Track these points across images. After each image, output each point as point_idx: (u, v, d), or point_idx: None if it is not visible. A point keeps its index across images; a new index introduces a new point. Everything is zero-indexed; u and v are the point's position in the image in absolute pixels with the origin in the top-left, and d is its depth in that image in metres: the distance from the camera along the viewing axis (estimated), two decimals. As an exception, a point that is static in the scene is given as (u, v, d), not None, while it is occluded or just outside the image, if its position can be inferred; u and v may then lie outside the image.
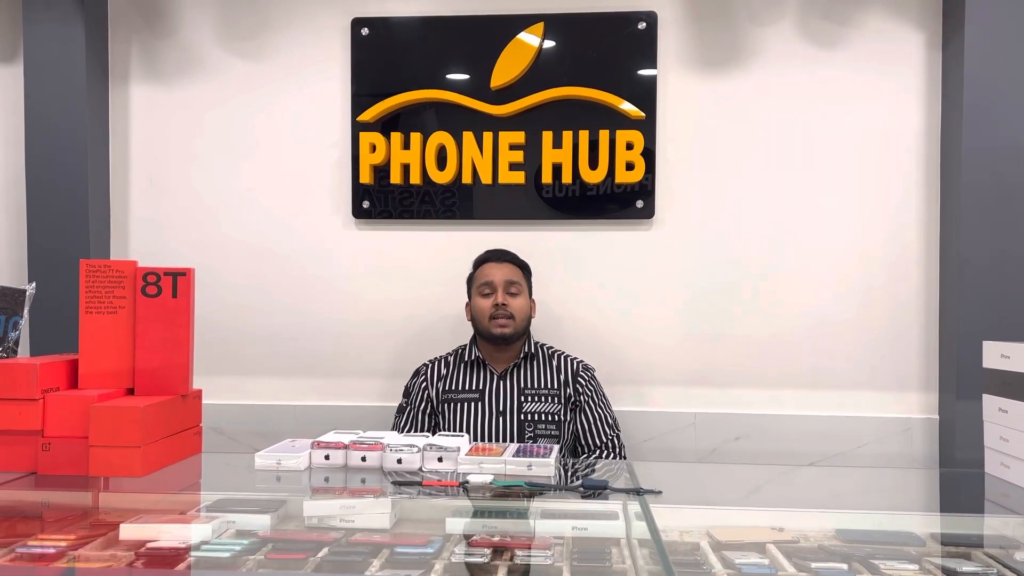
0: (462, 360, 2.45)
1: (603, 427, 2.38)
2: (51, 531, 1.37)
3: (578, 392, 2.39)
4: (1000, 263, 2.44)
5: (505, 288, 2.37)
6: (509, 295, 2.37)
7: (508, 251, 2.48)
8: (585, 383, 2.40)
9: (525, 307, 2.40)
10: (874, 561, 1.26)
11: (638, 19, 2.65)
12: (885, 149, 2.62)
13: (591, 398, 2.40)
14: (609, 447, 2.37)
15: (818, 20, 2.63)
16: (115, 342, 1.68)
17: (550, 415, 2.34)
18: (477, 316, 2.40)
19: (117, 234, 2.82)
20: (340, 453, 1.65)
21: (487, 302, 2.37)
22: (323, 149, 2.76)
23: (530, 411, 2.34)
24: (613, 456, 2.36)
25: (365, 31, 2.72)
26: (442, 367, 2.46)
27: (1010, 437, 1.60)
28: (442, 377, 2.43)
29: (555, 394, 2.37)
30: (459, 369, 2.44)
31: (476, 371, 2.42)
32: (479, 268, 2.45)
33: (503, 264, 2.43)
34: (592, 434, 2.37)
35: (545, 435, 2.32)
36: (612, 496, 1.51)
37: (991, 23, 2.44)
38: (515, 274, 2.42)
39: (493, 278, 2.38)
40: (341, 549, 1.30)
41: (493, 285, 2.37)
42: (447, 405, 2.38)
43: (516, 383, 2.38)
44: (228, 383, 2.76)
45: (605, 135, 2.64)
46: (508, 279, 2.38)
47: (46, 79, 2.66)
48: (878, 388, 2.63)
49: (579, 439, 2.38)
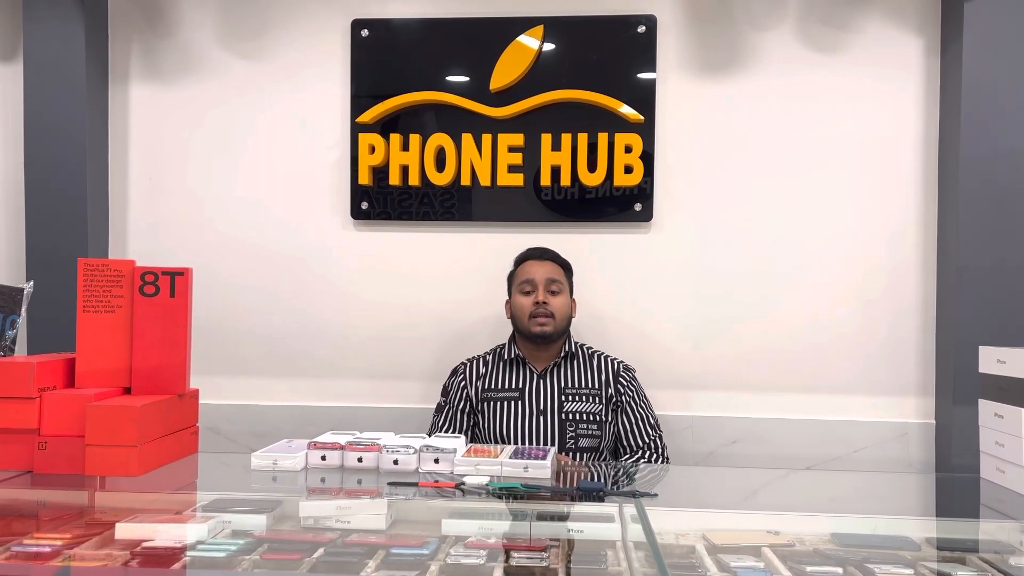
0: (501, 359, 2.43)
1: (645, 428, 2.35)
2: (47, 530, 1.37)
3: (619, 392, 2.36)
4: (998, 269, 2.45)
5: (546, 286, 2.34)
6: (550, 293, 2.34)
7: (550, 249, 2.45)
8: (627, 383, 2.38)
9: (566, 306, 2.38)
10: (869, 565, 1.26)
11: (638, 22, 2.65)
12: (883, 154, 2.63)
13: (632, 398, 2.37)
14: (651, 448, 2.34)
15: (817, 25, 2.64)
16: (112, 341, 1.69)
17: (591, 415, 2.31)
18: (517, 314, 2.37)
19: (116, 233, 2.82)
20: (336, 454, 1.65)
21: (527, 300, 2.34)
22: (322, 150, 2.77)
23: (571, 411, 2.31)
24: (657, 457, 2.33)
25: (365, 32, 2.72)
26: (480, 366, 2.43)
27: (1006, 442, 1.60)
28: (481, 376, 2.41)
29: (596, 394, 2.34)
30: (498, 368, 2.41)
31: (516, 370, 2.39)
32: (520, 266, 2.43)
33: (544, 262, 2.40)
34: (634, 435, 2.34)
35: (586, 435, 2.29)
36: (608, 499, 1.51)
37: (990, 29, 2.44)
38: (556, 272, 2.39)
39: (534, 276, 2.36)
40: (337, 550, 1.30)
41: (534, 283, 2.35)
42: (486, 404, 2.36)
43: (556, 382, 2.36)
44: (225, 383, 2.76)
45: (604, 138, 2.64)
46: (549, 277, 2.36)
47: (46, 78, 2.66)
48: (875, 393, 2.63)
49: (621, 440, 2.35)
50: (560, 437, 2.29)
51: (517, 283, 2.39)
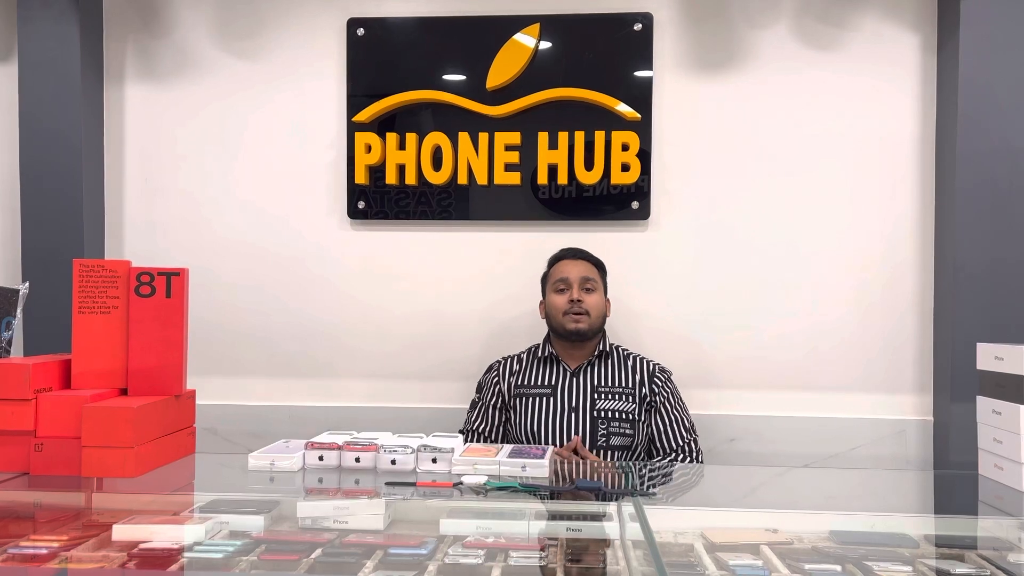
0: (535, 356, 2.43)
1: (680, 430, 2.34)
2: (43, 532, 1.36)
3: (654, 393, 2.35)
4: (994, 265, 2.45)
5: (580, 284, 2.35)
6: (584, 291, 2.35)
7: (583, 249, 2.45)
8: (662, 384, 2.37)
9: (600, 304, 2.38)
10: (868, 563, 1.26)
11: (634, 20, 2.65)
12: (880, 151, 2.63)
13: (667, 399, 2.36)
14: (686, 450, 2.33)
15: (814, 22, 2.64)
16: (108, 342, 1.68)
17: (624, 413, 2.30)
18: (552, 312, 2.37)
19: (111, 234, 2.81)
20: (334, 454, 1.65)
21: (562, 298, 2.34)
22: (319, 149, 2.76)
23: (603, 409, 2.30)
24: (689, 459, 2.32)
25: (361, 31, 2.71)
26: (515, 363, 2.44)
27: (1003, 439, 1.60)
28: (514, 372, 2.41)
29: (630, 393, 2.33)
30: (532, 365, 2.42)
31: (549, 367, 2.39)
32: (554, 265, 2.43)
33: (578, 261, 2.40)
34: (668, 436, 2.33)
35: (618, 433, 2.28)
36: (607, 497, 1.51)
37: (986, 26, 2.44)
38: (590, 271, 2.39)
39: (568, 275, 2.36)
40: (334, 550, 1.29)
41: (568, 282, 2.35)
42: (519, 400, 2.36)
43: (589, 380, 2.35)
44: (222, 383, 2.75)
45: (601, 136, 2.64)
46: (584, 275, 2.36)
47: (41, 78, 2.65)
48: (873, 390, 2.63)
49: (655, 441, 2.34)
50: (592, 435, 2.28)
51: (552, 282, 2.39)
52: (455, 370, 2.70)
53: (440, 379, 2.71)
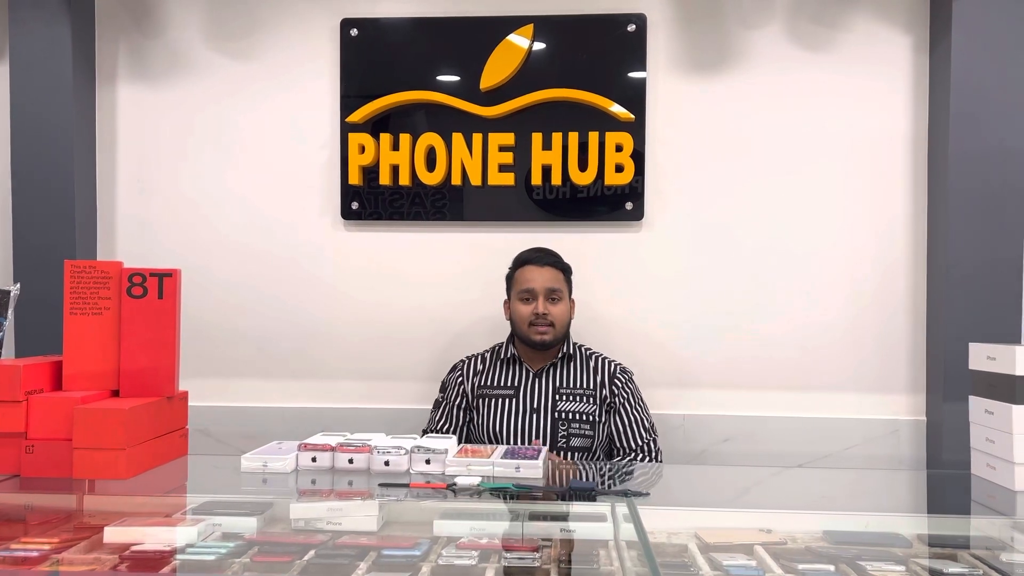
0: (499, 357, 2.44)
1: (639, 430, 2.35)
2: (35, 534, 1.36)
3: (614, 394, 2.36)
4: (987, 266, 2.46)
5: (546, 296, 2.32)
6: (550, 302, 2.33)
7: (550, 252, 2.41)
8: (622, 385, 2.38)
9: (565, 313, 2.36)
10: (861, 562, 1.26)
11: (628, 21, 2.65)
12: (873, 152, 2.63)
13: (627, 400, 2.37)
14: (645, 450, 2.34)
15: (807, 23, 2.64)
16: (100, 343, 1.67)
17: (584, 415, 2.31)
18: (516, 320, 2.36)
19: (104, 234, 2.80)
20: (327, 455, 1.65)
21: (527, 308, 2.33)
22: (312, 150, 2.75)
23: (564, 410, 2.31)
24: (648, 459, 2.33)
25: (354, 32, 2.71)
26: (478, 363, 2.45)
27: (996, 439, 1.60)
28: (478, 372, 2.42)
29: (590, 394, 2.35)
30: (495, 366, 2.42)
31: (512, 368, 2.40)
32: (520, 270, 2.39)
33: (544, 268, 2.36)
34: (628, 437, 2.34)
35: (579, 434, 2.29)
36: (600, 498, 1.51)
37: (978, 27, 2.45)
38: (556, 279, 2.35)
39: (534, 285, 2.33)
40: (328, 552, 1.29)
41: (534, 292, 2.32)
42: (481, 400, 2.37)
43: (551, 382, 2.36)
44: (215, 385, 2.74)
45: (595, 137, 2.64)
46: (549, 287, 2.33)
47: (32, 78, 2.64)
48: (866, 390, 2.64)
49: (615, 441, 2.35)
50: (552, 435, 2.29)
51: (516, 289, 2.37)
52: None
53: (434, 380, 2.69)
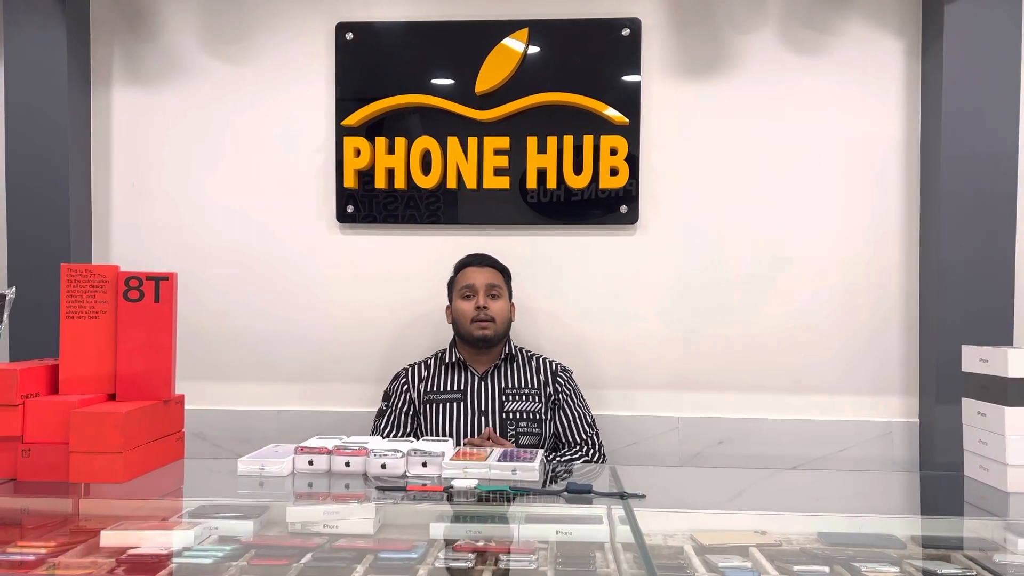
0: (443, 362, 2.48)
1: (583, 425, 2.43)
2: (31, 538, 1.35)
3: (557, 391, 2.44)
4: (979, 269, 2.47)
5: (486, 291, 2.42)
6: (490, 298, 2.42)
7: (488, 255, 2.52)
8: (564, 383, 2.46)
9: (505, 310, 2.45)
10: (855, 564, 1.27)
11: (622, 25, 2.66)
12: (866, 155, 2.65)
13: (569, 397, 2.45)
14: (590, 443, 2.42)
15: (799, 28, 2.66)
16: (96, 347, 1.67)
17: (531, 413, 2.37)
18: (458, 319, 2.44)
19: (99, 238, 2.80)
20: (324, 458, 1.65)
21: (469, 305, 2.41)
22: (307, 153, 2.76)
23: (512, 410, 2.37)
24: (593, 453, 2.41)
25: (350, 36, 2.71)
26: (422, 370, 2.48)
27: (988, 440, 1.62)
28: (423, 379, 2.45)
29: (535, 393, 2.41)
30: (440, 371, 2.46)
31: (457, 372, 2.45)
32: (460, 272, 2.49)
33: (484, 268, 2.47)
34: (572, 432, 2.42)
35: (527, 432, 2.35)
36: (596, 500, 1.51)
37: (970, 31, 2.47)
38: (496, 278, 2.46)
39: (474, 281, 2.43)
40: (324, 555, 1.29)
41: (474, 288, 2.42)
42: (429, 406, 2.40)
43: (497, 383, 2.42)
44: (211, 388, 2.74)
45: (589, 140, 2.65)
46: (489, 283, 2.43)
47: (27, 82, 2.64)
48: (860, 392, 2.65)
49: (559, 437, 2.42)
50: (501, 435, 2.34)
51: (457, 288, 2.46)
52: (444, 374, 2.70)
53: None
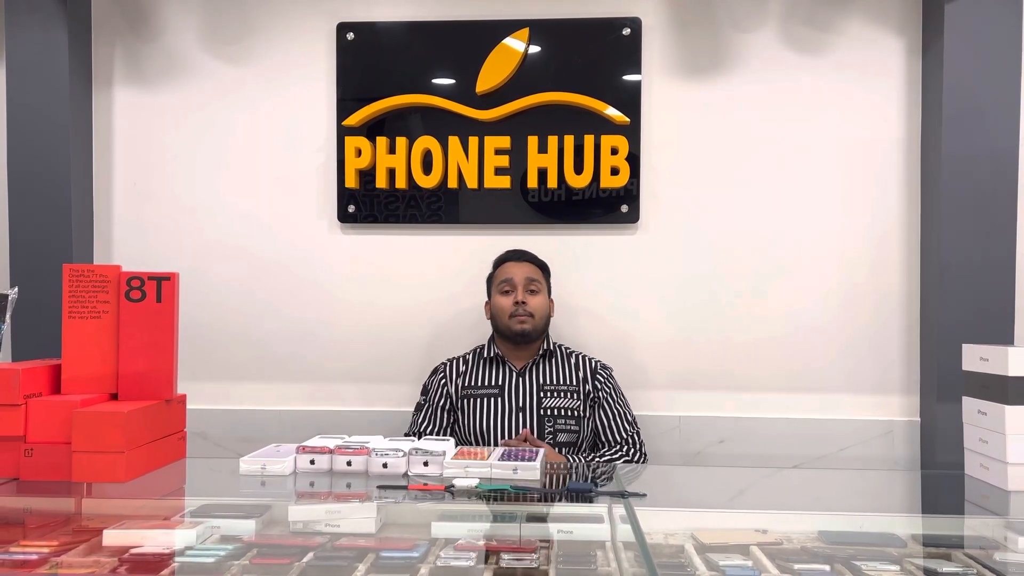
0: (481, 357, 2.47)
1: (623, 424, 2.40)
2: (33, 537, 1.35)
3: (596, 389, 2.41)
4: (980, 267, 2.47)
5: (525, 286, 2.40)
6: (529, 293, 2.40)
7: (528, 251, 2.51)
8: (604, 381, 2.43)
9: (544, 305, 2.43)
10: (856, 562, 1.27)
11: (623, 25, 2.66)
12: (866, 154, 2.65)
13: (610, 395, 2.42)
14: (630, 443, 2.39)
15: (800, 27, 2.66)
16: (98, 347, 1.68)
17: (570, 411, 2.35)
18: (497, 314, 2.42)
19: (100, 238, 2.80)
20: (325, 458, 1.65)
21: (507, 300, 2.40)
22: (308, 153, 2.76)
23: (550, 406, 2.35)
24: (634, 452, 2.38)
25: (351, 36, 2.72)
26: (461, 364, 2.47)
27: (989, 439, 1.62)
28: (461, 373, 2.44)
29: (574, 390, 2.39)
30: (478, 366, 2.45)
31: (495, 368, 2.43)
32: (499, 267, 2.48)
33: (523, 263, 2.46)
34: (612, 430, 2.38)
35: (565, 430, 2.33)
36: (597, 499, 1.51)
37: (970, 30, 2.47)
38: (535, 273, 2.44)
39: (513, 276, 2.41)
40: (326, 554, 1.29)
41: (513, 283, 2.40)
42: (466, 401, 2.39)
43: (535, 379, 2.40)
44: (213, 388, 2.75)
45: (590, 140, 2.65)
46: (528, 277, 2.41)
47: (29, 82, 2.64)
48: (860, 391, 2.65)
49: (599, 435, 2.40)
50: (539, 432, 2.32)
51: (496, 284, 2.44)
52: (446, 373, 2.70)
53: (431, 382, 2.71)
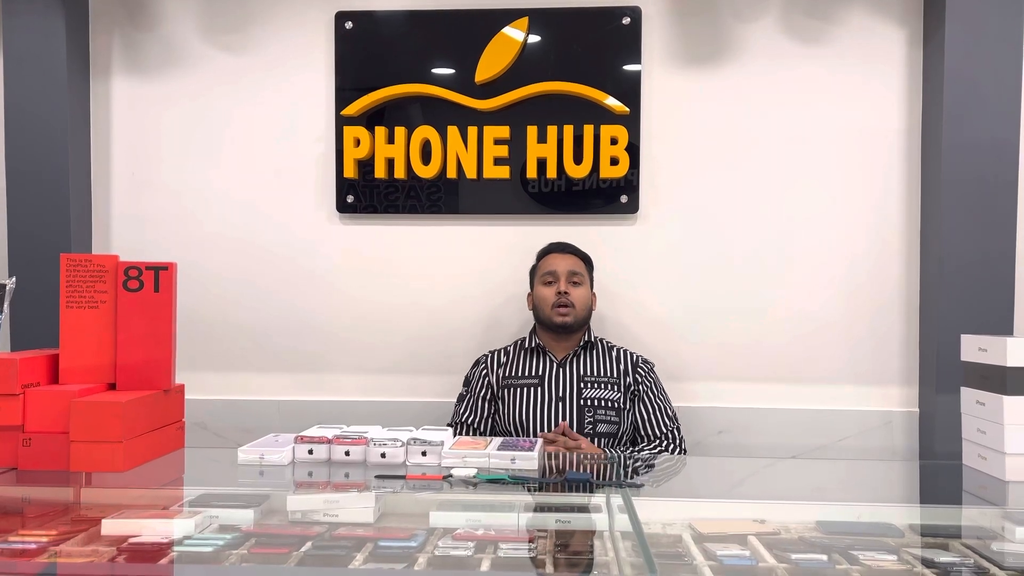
0: (522, 348, 2.47)
1: (663, 418, 2.40)
2: (32, 527, 1.36)
3: (637, 382, 2.41)
4: (979, 258, 2.47)
5: (568, 278, 2.40)
6: (571, 284, 2.40)
7: (571, 244, 2.50)
8: (645, 374, 2.43)
9: (587, 297, 2.43)
10: (854, 552, 1.27)
11: (622, 14, 2.65)
12: (867, 145, 2.64)
13: (650, 389, 2.42)
14: (670, 438, 2.39)
15: (801, 17, 2.65)
16: (96, 337, 1.67)
17: (610, 402, 2.35)
18: (539, 305, 2.42)
19: (99, 228, 2.80)
20: (323, 448, 1.65)
21: (550, 291, 2.40)
22: (307, 143, 2.75)
23: (590, 397, 2.35)
24: (674, 448, 2.38)
25: (349, 25, 2.71)
26: (502, 355, 2.48)
27: (987, 429, 1.62)
28: (502, 364, 2.45)
29: (615, 382, 2.39)
30: (519, 356, 2.46)
31: (536, 358, 2.43)
32: (543, 259, 2.48)
33: (566, 255, 2.45)
34: (652, 424, 2.39)
35: (605, 421, 2.33)
36: (596, 489, 1.51)
37: (971, 21, 2.46)
38: (578, 265, 2.44)
39: (556, 268, 2.41)
40: (324, 543, 1.29)
41: (556, 274, 2.40)
42: (507, 391, 2.39)
43: (576, 370, 2.40)
44: (211, 378, 2.75)
45: (590, 130, 2.64)
46: (571, 269, 2.41)
47: (26, 72, 2.63)
48: (859, 382, 2.65)
49: (639, 429, 2.40)
50: (579, 423, 2.32)
51: (539, 275, 2.44)
52: (445, 364, 2.71)
53: (430, 373, 2.71)
